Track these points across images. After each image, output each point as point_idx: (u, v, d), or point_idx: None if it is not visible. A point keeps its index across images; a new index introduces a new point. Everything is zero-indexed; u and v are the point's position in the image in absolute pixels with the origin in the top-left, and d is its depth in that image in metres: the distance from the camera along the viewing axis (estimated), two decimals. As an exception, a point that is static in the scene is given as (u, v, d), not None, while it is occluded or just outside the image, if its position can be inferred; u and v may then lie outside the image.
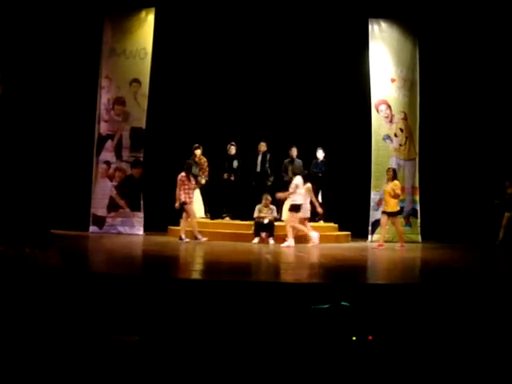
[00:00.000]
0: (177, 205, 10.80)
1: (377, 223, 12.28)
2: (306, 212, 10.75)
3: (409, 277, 7.43)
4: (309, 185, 10.84)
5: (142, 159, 12.11)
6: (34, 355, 2.88)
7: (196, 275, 6.94)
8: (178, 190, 10.78)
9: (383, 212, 10.85)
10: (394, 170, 11.02)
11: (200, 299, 5.01)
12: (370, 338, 3.29)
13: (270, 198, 11.18)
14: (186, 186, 10.79)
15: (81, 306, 4.15)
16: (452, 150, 12.37)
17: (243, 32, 12.54)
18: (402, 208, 12.36)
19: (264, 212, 11.00)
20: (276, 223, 11.05)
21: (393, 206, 10.60)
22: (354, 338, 3.25)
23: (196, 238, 10.66)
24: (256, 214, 11.05)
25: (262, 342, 3.66)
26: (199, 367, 3.17)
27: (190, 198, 10.82)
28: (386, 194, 10.71)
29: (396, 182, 10.76)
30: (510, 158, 11.94)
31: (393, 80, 12.56)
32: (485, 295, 5.29)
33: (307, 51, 12.85)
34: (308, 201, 10.81)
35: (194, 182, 11.03)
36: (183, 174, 10.85)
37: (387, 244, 11.52)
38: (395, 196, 10.55)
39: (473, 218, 11.91)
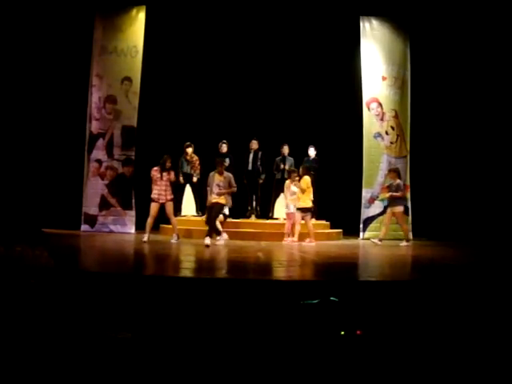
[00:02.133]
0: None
1: (368, 220, 12.36)
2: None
3: (399, 274, 7.46)
4: (287, 182, 10.99)
5: (133, 157, 12.08)
6: (27, 352, 2.88)
7: (187, 273, 6.95)
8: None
9: (297, 208, 10.73)
10: (305, 168, 10.96)
11: (191, 297, 5.03)
12: (359, 332, 3.32)
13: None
14: (158, 182, 10.16)
15: (73, 304, 4.16)
16: (443, 148, 12.43)
17: (235, 31, 12.54)
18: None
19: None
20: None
21: (304, 201, 10.61)
22: (342, 333, 3.28)
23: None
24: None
25: (252, 337, 3.68)
26: (191, 363, 3.19)
27: (159, 195, 10.13)
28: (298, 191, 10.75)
29: (305, 177, 10.70)
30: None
31: (384, 78, 12.60)
32: (476, 292, 5.33)
33: (299, 49, 12.87)
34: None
35: (165, 177, 10.17)
36: (155, 167, 10.25)
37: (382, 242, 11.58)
38: (302, 191, 10.59)
39: (464, 216, 11.97)
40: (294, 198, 10.78)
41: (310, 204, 10.67)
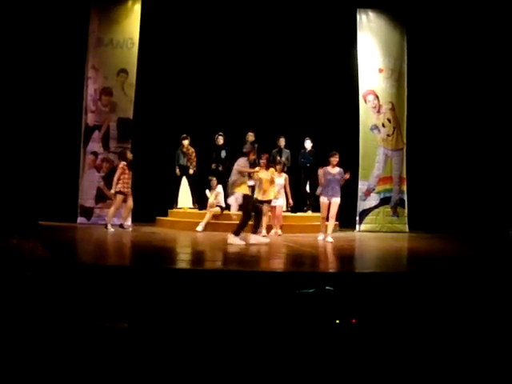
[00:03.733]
0: (112, 191, 10.73)
1: (365, 213, 12.38)
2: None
3: (395, 266, 7.50)
4: (285, 175, 11.01)
5: (129, 150, 12.05)
6: (24, 345, 2.89)
7: (184, 265, 6.96)
8: (116, 177, 10.61)
9: (265, 201, 10.37)
10: (268, 158, 10.84)
11: (188, 288, 5.04)
12: (354, 321, 3.34)
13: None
14: (126, 176, 10.66)
15: (70, 296, 4.17)
16: (439, 140, 12.44)
17: (231, 23, 12.49)
18: (387, 198, 12.44)
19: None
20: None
21: (271, 194, 10.47)
22: (337, 321, 3.30)
23: (105, 226, 10.64)
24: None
25: (248, 327, 3.70)
26: (187, 352, 3.21)
27: (127, 188, 10.70)
28: (265, 183, 10.35)
29: (272, 169, 10.64)
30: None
31: (380, 70, 12.60)
32: (471, 284, 5.36)
33: (295, 42, 12.83)
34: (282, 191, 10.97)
35: (131, 173, 10.81)
36: (124, 163, 10.72)
37: (375, 234, 11.63)
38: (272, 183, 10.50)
39: (460, 208, 12.00)
40: (276, 189, 10.68)
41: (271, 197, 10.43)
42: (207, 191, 11.55)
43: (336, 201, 9.80)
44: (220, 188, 11.38)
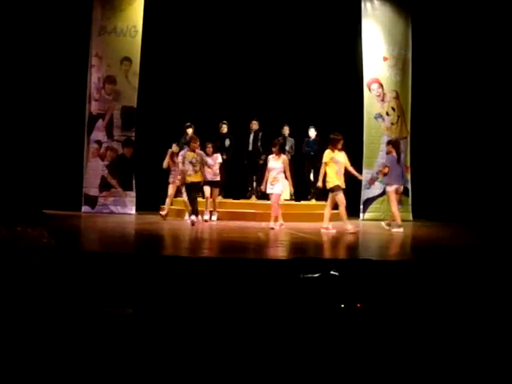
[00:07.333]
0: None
1: (368, 201, 12.37)
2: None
3: (399, 254, 7.51)
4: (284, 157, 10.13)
5: (133, 138, 12.06)
6: (28, 331, 2.91)
7: (187, 253, 6.99)
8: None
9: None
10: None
11: (191, 275, 5.07)
12: (359, 305, 3.36)
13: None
14: None
15: (74, 283, 4.19)
16: (443, 129, 12.40)
17: (235, 10, 12.44)
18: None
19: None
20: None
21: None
22: (342, 306, 3.32)
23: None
24: None
25: (253, 311, 3.72)
26: (191, 337, 3.24)
27: None
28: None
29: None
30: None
31: (385, 58, 12.53)
32: (474, 272, 5.36)
33: (300, 29, 12.76)
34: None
35: None
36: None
37: (379, 222, 11.60)
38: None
39: (464, 197, 11.98)
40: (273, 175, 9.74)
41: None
42: None
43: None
44: None
